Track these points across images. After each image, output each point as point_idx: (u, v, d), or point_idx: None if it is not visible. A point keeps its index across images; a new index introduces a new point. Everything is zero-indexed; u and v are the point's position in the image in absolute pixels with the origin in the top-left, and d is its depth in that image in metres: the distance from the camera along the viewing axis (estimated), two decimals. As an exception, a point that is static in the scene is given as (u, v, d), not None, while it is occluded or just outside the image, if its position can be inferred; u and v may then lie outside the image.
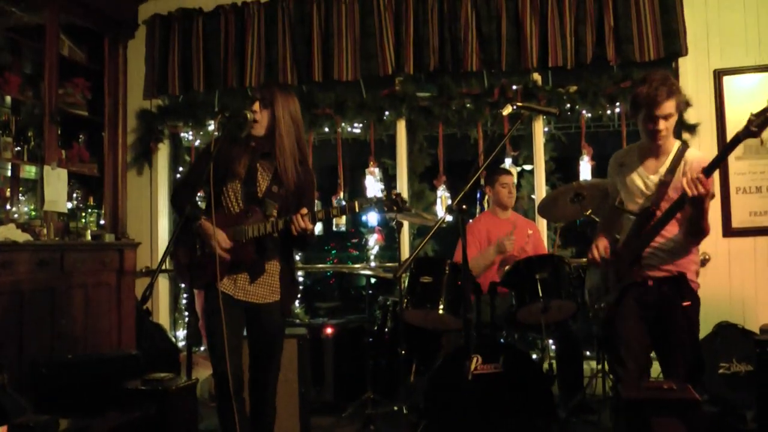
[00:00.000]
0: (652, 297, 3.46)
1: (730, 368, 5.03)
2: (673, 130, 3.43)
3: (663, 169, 3.43)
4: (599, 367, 5.11)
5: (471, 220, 5.42)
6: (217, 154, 3.40)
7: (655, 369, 3.70)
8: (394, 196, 3.44)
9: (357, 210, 3.45)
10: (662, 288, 3.45)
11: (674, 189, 3.36)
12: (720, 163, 3.22)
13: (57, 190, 5.44)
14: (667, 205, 3.36)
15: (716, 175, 5.33)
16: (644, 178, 3.47)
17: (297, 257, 3.93)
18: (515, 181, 5.41)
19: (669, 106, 3.30)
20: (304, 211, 3.36)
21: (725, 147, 3.20)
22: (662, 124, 3.32)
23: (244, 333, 3.61)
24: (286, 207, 3.50)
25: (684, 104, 3.56)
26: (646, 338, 3.50)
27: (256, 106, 3.51)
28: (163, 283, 6.60)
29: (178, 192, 3.68)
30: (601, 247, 3.54)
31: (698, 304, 3.53)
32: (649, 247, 3.41)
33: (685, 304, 3.42)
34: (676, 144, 3.48)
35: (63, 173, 5.53)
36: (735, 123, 5.38)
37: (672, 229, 3.43)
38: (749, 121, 3.11)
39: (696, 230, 3.36)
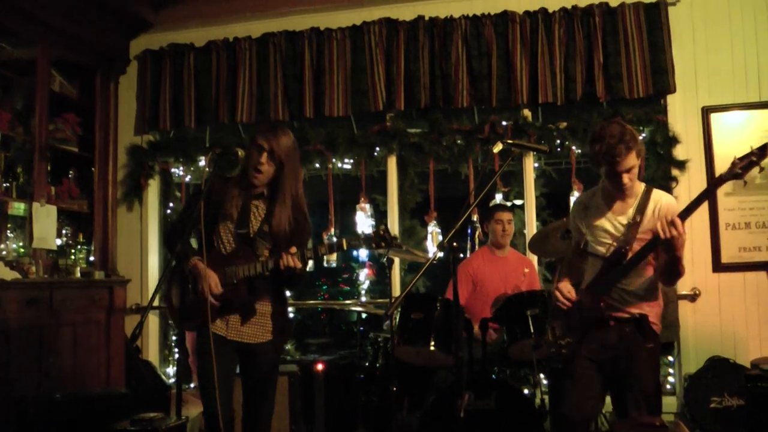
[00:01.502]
0: (614, 337, 3.44)
1: (722, 402, 5.04)
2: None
3: (631, 211, 3.43)
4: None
5: (465, 256, 5.42)
6: (209, 194, 3.38)
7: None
8: (381, 232, 3.44)
9: (345, 248, 3.45)
10: (624, 329, 3.43)
11: (644, 230, 3.38)
12: (697, 207, 3.23)
13: (46, 227, 5.40)
14: (638, 246, 3.37)
15: (705, 210, 5.40)
16: (612, 221, 3.46)
17: (288, 293, 3.89)
18: (511, 218, 5.38)
19: (630, 160, 3.29)
20: (293, 249, 3.35)
21: (705, 191, 3.24)
22: (626, 177, 3.33)
23: (237, 371, 3.58)
24: (278, 247, 3.47)
25: (644, 150, 3.54)
26: (596, 384, 3.51)
27: (264, 157, 3.42)
28: (152, 320, 6.53)
29: (172, 232, 3.64)
30: (564, 290, 3.50)
31: (659, 347, 3.56)
32: (619, 288, 3.41)
33: (648, 345, 3.42)
34: (641, 185, 3.49)
35: (52, 210, 5.50)
36: (723, 159, 5.43)
37: (644, 273, 3.44)
38: (733, 164, 3.17)
39: (672, 274, 3.38)
